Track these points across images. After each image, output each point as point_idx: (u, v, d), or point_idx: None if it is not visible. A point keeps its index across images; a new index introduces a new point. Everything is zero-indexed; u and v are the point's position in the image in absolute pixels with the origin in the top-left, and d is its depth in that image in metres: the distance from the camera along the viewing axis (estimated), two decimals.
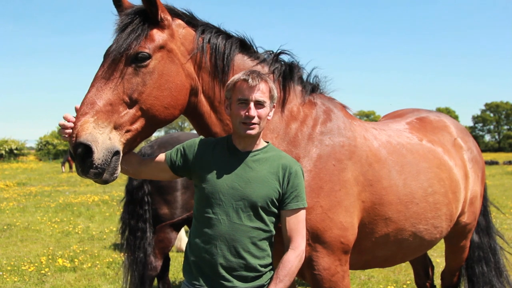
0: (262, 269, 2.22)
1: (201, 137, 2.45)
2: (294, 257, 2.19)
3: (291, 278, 2.18)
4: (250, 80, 2.17)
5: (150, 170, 2.40)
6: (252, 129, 2.18)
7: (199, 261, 2.22)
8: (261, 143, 2.31)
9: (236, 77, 2.24)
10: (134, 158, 2.38)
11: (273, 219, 2.25)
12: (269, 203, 2.20)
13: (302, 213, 2.26)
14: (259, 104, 2.18)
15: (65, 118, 2.16)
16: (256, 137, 2.25)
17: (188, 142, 2.39)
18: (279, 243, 2.32)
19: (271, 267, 2.28)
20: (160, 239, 4.54)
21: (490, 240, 4.10)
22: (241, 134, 2.21)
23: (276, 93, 2.29)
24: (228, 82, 2.28)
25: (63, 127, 2.14)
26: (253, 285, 2.20)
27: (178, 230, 4.65)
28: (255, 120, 2.16)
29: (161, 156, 2.39)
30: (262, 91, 2.19)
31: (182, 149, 2.36)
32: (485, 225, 4.06)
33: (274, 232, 2.27)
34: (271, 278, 2.23)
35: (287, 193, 2.22)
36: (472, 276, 4.03)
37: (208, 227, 2.20)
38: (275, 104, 2.33)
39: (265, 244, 2.23)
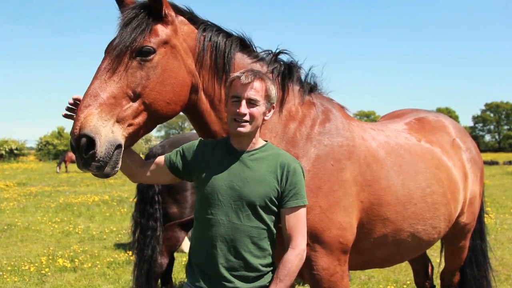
0: (264, 268, 2.21)
1: (200, 139, 2.46)
2: (294, 257, 2.18)
3: (291, 277, 2.18)
4: (242, 78, 2.17)
5: (150, 173, 2.40)
6: (243, 126, 2.17)
7: (200, 263, 2.22)
8: (259, 142, 2.31)
9: (234, 74, 2.25)
10: (138, 158, 2.39)
11: (273, 218, 2.24)
12: (268, 202, 2.19)
13: (302, 211, 2.25)
14: (251, 103, 2.17)
15: (75, 99, 2.24)
16: (249, 135, 2.24)
17: (187, 144, 2.39)
18: (280, 243, 2.32)
19: (272, 267, 2.27)
20: (168, 237, 4.59)
21: (482, 243, 4.13)
22: (232, 131, 2.22)
23: (274, 93, 2.27)
24: (228, 80, 2.29)
25: (71, 105, 2.24)
26: (255, 286, 2.20)
27: (187, 230, 4.69)
28: (246, 117, 2.16)
29: (161, 159, 2.39)
30: (255, 89, 2.18)
31: (182, 151, 2.37)
32: (478, 228, 4.07)
33: (274, 231, 2.26)
34: (271, 278, 2.22)
35: (285, 191, 2.21)
36: (463, 279, 4.06)
37: (208, 228, 2.20)
38: (274, 104, 2.32)
39: (266, 244, 2.22)
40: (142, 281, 4.50)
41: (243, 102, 2.16)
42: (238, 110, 2.15)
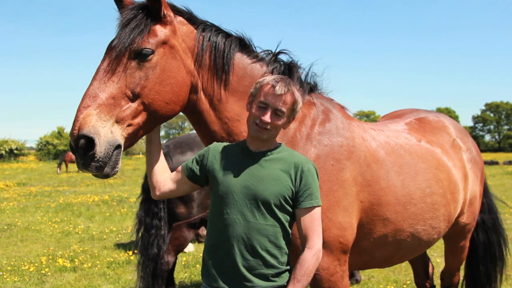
0: (281, 266, 2.22)
1: (214, 143, 2.46)
2: (311, 256, 2.19)
3: (309, 277, 2.18)
4: (277, 88, 2.18)
5: (173, 183, 2.40)
6: (263, 132, 2.20)
7: (218, 263, 2.22)
8: (274, 144, 2.33)
9: (267, 79, 2.25)
10: (166, 166, 2.44)
11: (288, 217, 2.25)
12: (282, 201, 2.20)
13: (317, 211, 2.25)
14: (277, 114, 2.20)
15: None
16: (267, 139, 2.26)
17: (203, 150, 2.40)
18: (294, 244, 2.33)
19: (288, 266, 2.28)
20: (176, 237, 4.62)
21: (499, 237, 4.13)
22: (251, 133, 2.24)
23: (299, 107, 2.29)
24: (258, 80, 2.29)
25: None
26: (273, 285, 2.20)
27: (195, 229, 4.70)
28: (268, 126, 2.19)
29: (179, 169, 2.42)
30: (284, 102, 2.20)
31: (197, 157, 2.38)
32: (492, 223, 4.07)
33: (290, 230, 2.27)
34: (288, 279, 2.22)
35: (300, 192, 2.22)
36: (476, 275, 4.04)
37: (224, 228, 2.21)
38: (294, 117, 2.33)
39: (282, 242, 2.23)
40: (149, 281, 4.50)
41: (269, 111, 2.18)
42: (263, 118, 2.17)
